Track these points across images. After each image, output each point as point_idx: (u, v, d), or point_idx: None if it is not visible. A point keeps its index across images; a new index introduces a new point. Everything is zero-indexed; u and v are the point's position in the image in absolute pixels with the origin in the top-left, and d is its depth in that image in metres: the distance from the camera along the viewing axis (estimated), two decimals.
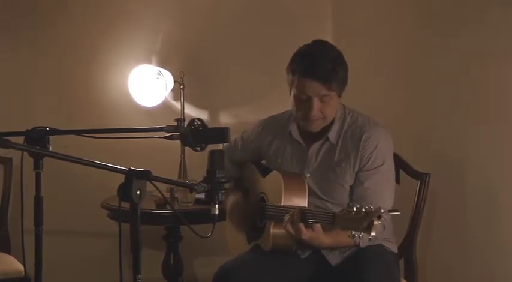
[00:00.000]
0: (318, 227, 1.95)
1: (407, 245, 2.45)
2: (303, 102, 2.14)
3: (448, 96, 2.73)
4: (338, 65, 2.12)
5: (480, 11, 2.56)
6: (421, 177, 2.46)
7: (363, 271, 2.02)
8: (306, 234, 1.95)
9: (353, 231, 1.74)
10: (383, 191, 2.16)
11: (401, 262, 2.42)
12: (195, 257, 3.47)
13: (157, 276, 3.08)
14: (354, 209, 1.76)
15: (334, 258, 2.17)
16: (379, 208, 1.71)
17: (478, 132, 2.60)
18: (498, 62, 2.50)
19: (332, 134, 2.20)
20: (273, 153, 2.33)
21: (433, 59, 2.79)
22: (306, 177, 2.20)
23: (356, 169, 2.17)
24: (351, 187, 2.18)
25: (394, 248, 2.31)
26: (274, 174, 2.23)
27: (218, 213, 1.71)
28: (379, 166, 2.16)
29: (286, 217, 1.99)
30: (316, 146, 2.23)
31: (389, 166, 2.22)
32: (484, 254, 2.57)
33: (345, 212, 1.79)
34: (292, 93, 2.18)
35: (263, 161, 2.45)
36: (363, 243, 2.10)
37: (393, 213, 1.87)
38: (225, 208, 2.39)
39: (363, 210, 1.73)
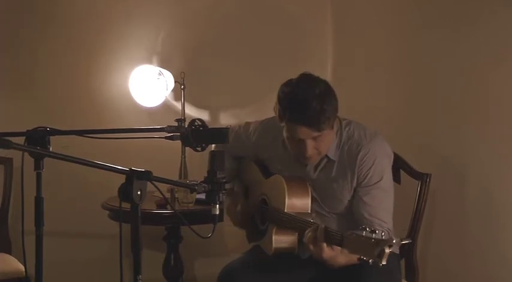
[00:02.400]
0: (338, 247, 1.90)
1: (407, 246, 2.45)
2: (296, 142, 2.10)
3: (449, 97, 2.73)
4: (326, 104, 2.01)
5: (481, 11, 2.56)
6: (422, 178, 2.45)
7: (363, 273, 2.02)
8: (327, 253, 1.90)
9: (362, 256, 1.70)
10: (382, 205, 2.15)
11: (402, 263, 2.42)
12: (195, 258, 3.47)
13: (158, 277, 3.08)
14: (364, 234, 1.71)
15: None
16: (391, 239, 1.66)
17: (479, 133, 2.60)
18: (499, 62, 2.50)
19: (331, 152, 2.16)
20: (272, 160, 2.31)
21: (434, 59, 2.78)
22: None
23: (354, 185, 2.15)
24: (350, 201, 2.17)
25: (396, 250, 2.31)
26: (277, 178, 2.21)
27: (219, 214, 1.71)
28: (377, 182, 2.13)
29: (308, 234, 1.93)
30: (313, 163, 2.20)
31: (388, 180, 2.19)
32: (484, 254, 2.57)
33: (354, 235, 1.75)
34: (284, 132, 2.12)
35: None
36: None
37: (404, 242, 1.82)
38: (224, 204, 2.38)
39: (373, 236, 1.69)
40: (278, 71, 3.47)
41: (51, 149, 1.73)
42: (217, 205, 1.70)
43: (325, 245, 1.89)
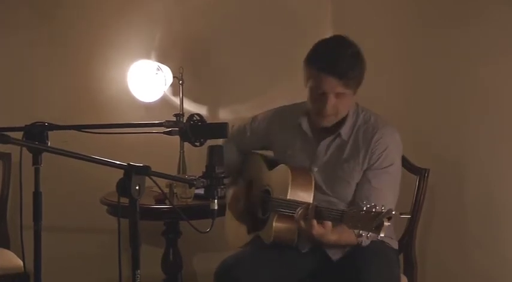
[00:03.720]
0: (329, 224, 1.94)
1: (406, 241, 2.46)
2: (318, 96, 2.12)
3: (448, 93, 2.73)
4: (357, 63, 2.10)
5: (481, 9, 2.56)
6: (420, 173, 2.46)
7: (363, 267, 2.03)
8: (317, 230, 1.95)
9: (361, 231, 1.72)
10: (388, 191, 2.16)
11: (400, 257, 2.42)
12: (194, 253, 3.47)
13: (157, 272, 3.08)
14: (364, 209, 1.74)
15: (335, 253, 2.17)
16: (391, 210, 1.70)
17: (477, 129, 2.60)
18: (498, 59, 2.50)
19: (345, 130, 2.19)
20: (281, 145, 2.32)
21: (433, 56, 2.79)
22: (313, 173, 2.19)
23: (364, 167, 2.16)
24: (357, 184, 2.18)
25: (395, 245, 2.31)
26: (282, 168, 2.22)
27: (217, 209, 1.71)
28: (387, 166, 2.16)
29: (299, 211, 1.98)
30: (326, 141, 2.22)
31: (397, 168, 2.22)
32: (483, 249, 2.58)
33: (354, 210, 1.79)
34: (308, 85, 2.15)
35: (266, 152, 2.44)
36: (365, 243, 2.11)
37: (404, 216, 1.85)
38: (225, 200, 2.39)
39: (373, 210, 1.72)
40: (277, 66, 3.48)
41: (49, 144, 1.72)
42: (216, 200, 1.70)
43: (315, 221, 1.93)
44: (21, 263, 2.69)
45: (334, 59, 2.07)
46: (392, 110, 2.98)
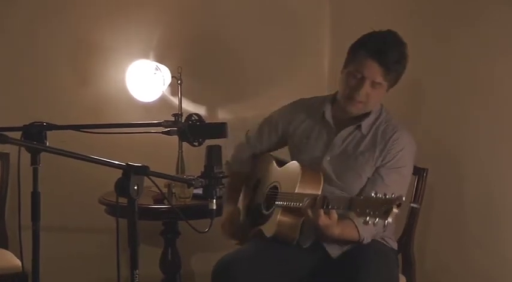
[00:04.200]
0: (335, 216, 1.96)
1: (405, 240, 2.46)
2: (355, 81, 2.16)
3: (447, 93, 2.73)
4: (403, 60, 2.17)
5: (481, 9, 2.56)
6: (419, 172, 2.46)
7: (362, 266, 2.03)
8: (323, 220, 1.96)
9: (368, 217, 1.73)
10: (398, 191, 2.15)
11: (399, 257, 2.42)
12: (192, 253, 3.47)
13: (155, 272, 3.08)
14: (373, 195, 1.76)
15: (334, 251, 2.17)
16: (401, 196, 1.72)
17: (476, 128, 2.60)
18: (497, 59, 2.50)
19: (365, 124, 2.23)
20: (300, 133, 2.34)
21: (432, 54, 2.79)
22: (326, 161, 2.20)
23: (377, 164, 2.19)
24: (368, 179, 2.19)
25: (394, 245, 2.32)
26: (293, 164, 2.23)
27: (216, 208, 1.71)
28: (401, 167, 2.19)
29: (306, 201, 1.99)
30: (345, 131, 2.25)
31: (410, 169, 2.26)
32: (482, 248, 2.58)
33: (363, 197, 1.82)
34: (346, 70, 2.19)
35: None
36: (367, 240, 2.11)
37: (413, 205, 1.86)
38: (222, 204, 2.39)
39: (383, 197, 1.74)
40: (276, 66, 3.48)
41: (47, 143, 1.72)
42: (214, 200, 1.70)
43: (322, 211, 1.95)
44: (19, 262, 2.69)
45: (385, 48, 2.12)
46: (391, 109, 2.98)
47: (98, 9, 3.32)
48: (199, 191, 1.74)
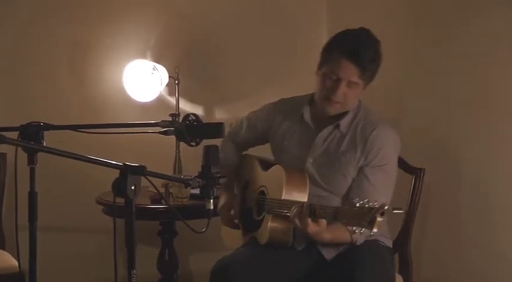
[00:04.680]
0: (323, 222, 1.95)
1: (402, 240, 2.46)
2: (330, 82, 2.14)
3: (443, 92, 2.74)
4: (377, 58, 2.15)
5: (480, 8, 2.56)
6: (416, 172, 2.46)
7: (357, 266, 2.03)
8: (311, 228, 1.95)
9: (354, 227, 1.73)
10: (384, 189, 2.16)
11: (396, 257, 2.43)
12: (190, 253, 3.47)
13: (152, 272, 3.08)
14: (357, 205, 1.75)
15: (329, 253, 2.18)
16: (384, 205, 1.70)
17: (473, 128, 2.61)
18: (495, 59, 2.51)
19: (344, 123, 2.21)
20: (280, 134, 2.34)
21: (429, 54, 2.79)
22: (309, 163, 2.20)
23: (360, 163, 2.17)
24: (353, 179, 2.18)
25: (389, 243, 2.32)
26: (277, 168, 2.22)
27: (213, 208, 1.71)
28: (385, 164, 2.17)
29: (294, 209, 1.98)
30: (325, 131, 2.24)
31: (394, 167, 2.24)
32: (479, 248, 2.58)
33: (347, 207, 1.80)
34: (321, 71, 2.18)
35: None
36: (360, 241, 2.11)
37: (396, 212, 1.86)
38: (218, 203, 2.38)
39: (366, 206, 1.72)
40: (272, 66, 3.48)
41: (45, 143, 1.72)
42: (212, 200, 1.70)
43: (309, 220, 1.94)
44: (16, 263, 2.68)
45: (358, 48, 2.10)
46: (388, 109, 2.99)
47: (96, 9, 3.31)
48: (197, 191, 1.74)
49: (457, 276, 2.67)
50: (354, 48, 2.10)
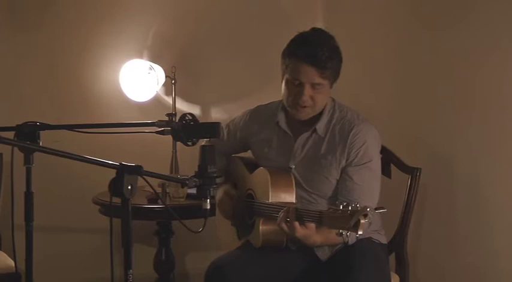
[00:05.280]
0: (312, 225, 1.94)
1: (398, 240, 2.46)
2: (294, 88, 2.13)
3: (439, 92, 2.74)
4: (335, 55, 2.13)
5: (474, 8, 2.57)
6: (412, 172, 2.46)
7: (352, 265, 2.03)
8: (300, 231, 1.95)
9: (340, 230, 1.73)
10: (370, 187, 2.16)
11: (392, 256, 2.43)
12: (186, 252, 3.47)
13: (149, 272, 3.08)
14: (341, 208, 1.75)
15: (323, 253, 2.18)
16: (365, 207, 1.70)
17: (468, 128, 2.61)
18: (488, 59, 2.51)
19: (320, 126, 2.19)
20: (259, 143, 2.33)
21: (424, 54, 2.79)
22: (291, 170, 2.19)
23: (342, 164, 2.16)
24: (338, 181, 2.17)
25: (383, 239, 2.31)
26: (261, 171, 2.22)
27: (209, 208, 1.71)
28: (367, 162, 2.16)
29: (281, 214, 1.97)
30: (303, 137, 2.22)
31: (377, 163, 2.22)
32: (474, 247, 2.59)
33: (331, 210, 1.79)
34: (284, 78, 2.17)
35: (249, 152, 2.44)
36: (351, 241, 2.11)
37: (379, 211, 1.87)
38: (215, 199, 2.38)
39: (349, 208, 1.72)
40: (269, 66, 3.46)
41: (41, 143, 1.72)
42: (208, 199, 1.70)
43: (297, 223, 1.93)
44: (12, 263, 2.68)
45: (313, 49, 2.09)
46: (384, 108, 3.00)
47: (92, 8, 3.31)
48: (193, 190, 1.74)
49: (452, 275, 2.68)
50: (308, 51, 2.09)
